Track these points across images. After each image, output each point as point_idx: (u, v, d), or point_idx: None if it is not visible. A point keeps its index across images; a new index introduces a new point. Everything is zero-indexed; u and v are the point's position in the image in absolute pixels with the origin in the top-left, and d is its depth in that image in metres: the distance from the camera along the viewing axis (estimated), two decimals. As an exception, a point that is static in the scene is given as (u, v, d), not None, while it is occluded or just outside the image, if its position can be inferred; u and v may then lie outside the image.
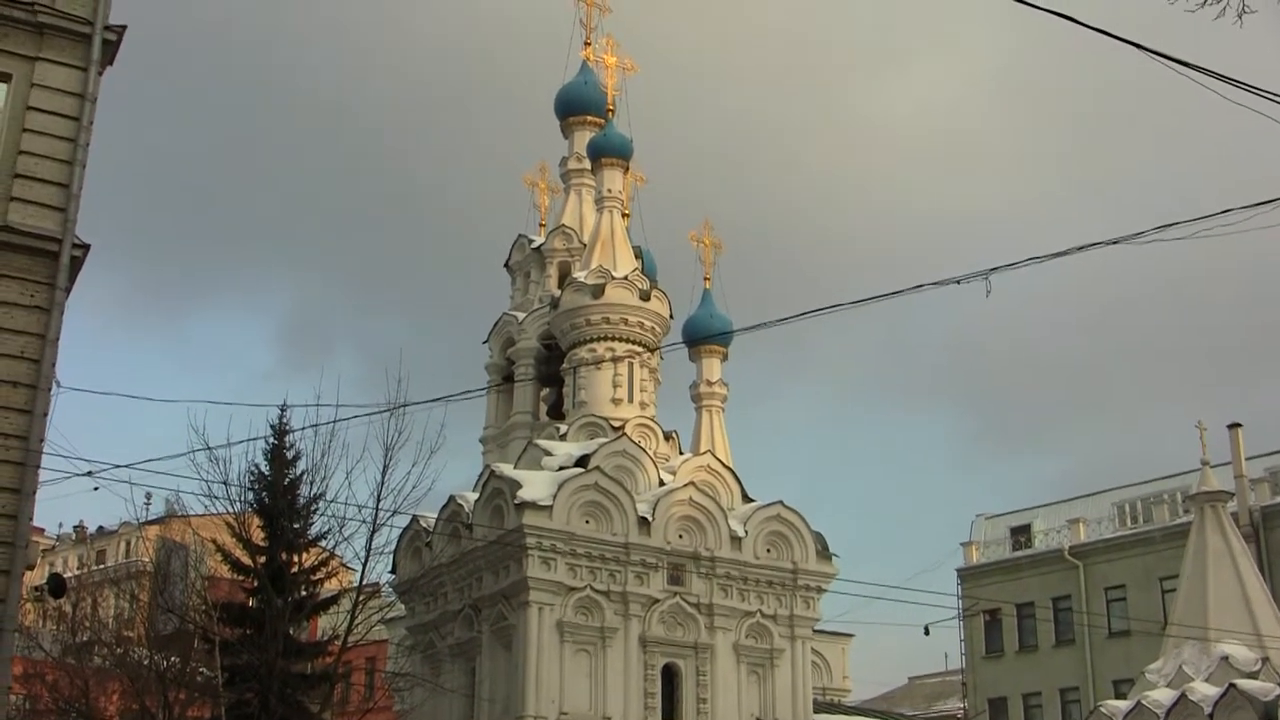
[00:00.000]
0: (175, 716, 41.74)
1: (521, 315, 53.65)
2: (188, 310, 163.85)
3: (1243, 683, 35.39)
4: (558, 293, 50.67)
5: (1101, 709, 38.91)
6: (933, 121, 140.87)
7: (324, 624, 48.22)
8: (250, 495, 41.72)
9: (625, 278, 48.49)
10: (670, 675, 43.03)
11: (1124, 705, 38.16)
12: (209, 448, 38.14)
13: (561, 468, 44.07)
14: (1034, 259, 19.06)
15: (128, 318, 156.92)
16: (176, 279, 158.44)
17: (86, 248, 20.66)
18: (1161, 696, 36.85)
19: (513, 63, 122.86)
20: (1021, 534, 66.15)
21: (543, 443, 46.73)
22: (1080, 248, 18.87)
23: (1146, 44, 15.03)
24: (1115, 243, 18.77)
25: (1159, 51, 15.02)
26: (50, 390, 19.92)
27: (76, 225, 20.36)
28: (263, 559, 41.43)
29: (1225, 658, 36.74)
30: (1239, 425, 55.36)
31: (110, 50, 21.83)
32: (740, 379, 76.31)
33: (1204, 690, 36.01)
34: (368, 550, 40.00)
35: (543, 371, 52.66)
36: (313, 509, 42.03)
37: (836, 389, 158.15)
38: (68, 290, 20.33)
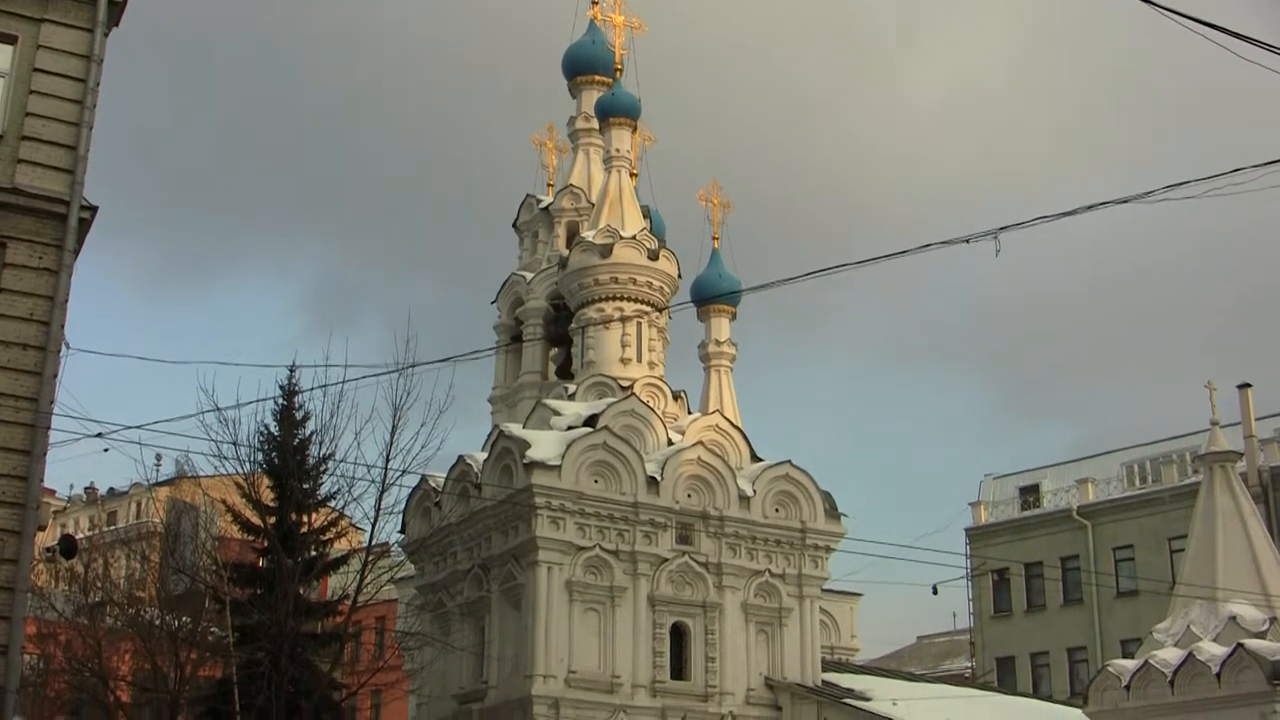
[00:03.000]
0: (187, 676, 41.99)
1: (530, 275, 53.63)
2: (214, 278, 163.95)
3: (1250, 642, 35.38)
4: (566, 252, 50.62)
5: (1109, 668, 38.92)
6: (953, 84, 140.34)
7: (334, 584, 48.46)
8: (260, 456, 41.85)
9: (633, 237, 48.43)
10: (679, 634, 43.18)
11: (1131, 665, 38.17)
12: (218, 409, 38.27)
13: (570, 427, 44.13)
14: (1043, 218, 19.04)
15: (156, 286, 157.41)
16: (203, 247, 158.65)
17: (94, 210, 20.63)
18: (1169, 656, 36.87)
19: (520, 23, 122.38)
20: (1030, 494, 66.19)
21: (551, 402, 46.77)
22: (1089, 206, 18.83)
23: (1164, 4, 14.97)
24: (1124, 202, 18.75)
25: (1178, 11, 14.96)
26: (59, 352, 19.94)
27: (84, 187, 20.33)
28: (273, 519, 41.58)
29: (1233, 617, 36.72)
30: (1249, 385, 55.24)
31: (116, 12, 21.76)
32: (753, 344, 76.46)
33: (1211, 650, 36.02)
34: (377, 510, 40.13)
35: (551, 331, 52.65)
36: (322, 469, 42.19)
37: (849, 354, 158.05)
38: (76, 252, 20.33)
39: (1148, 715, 36.54)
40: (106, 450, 26.29)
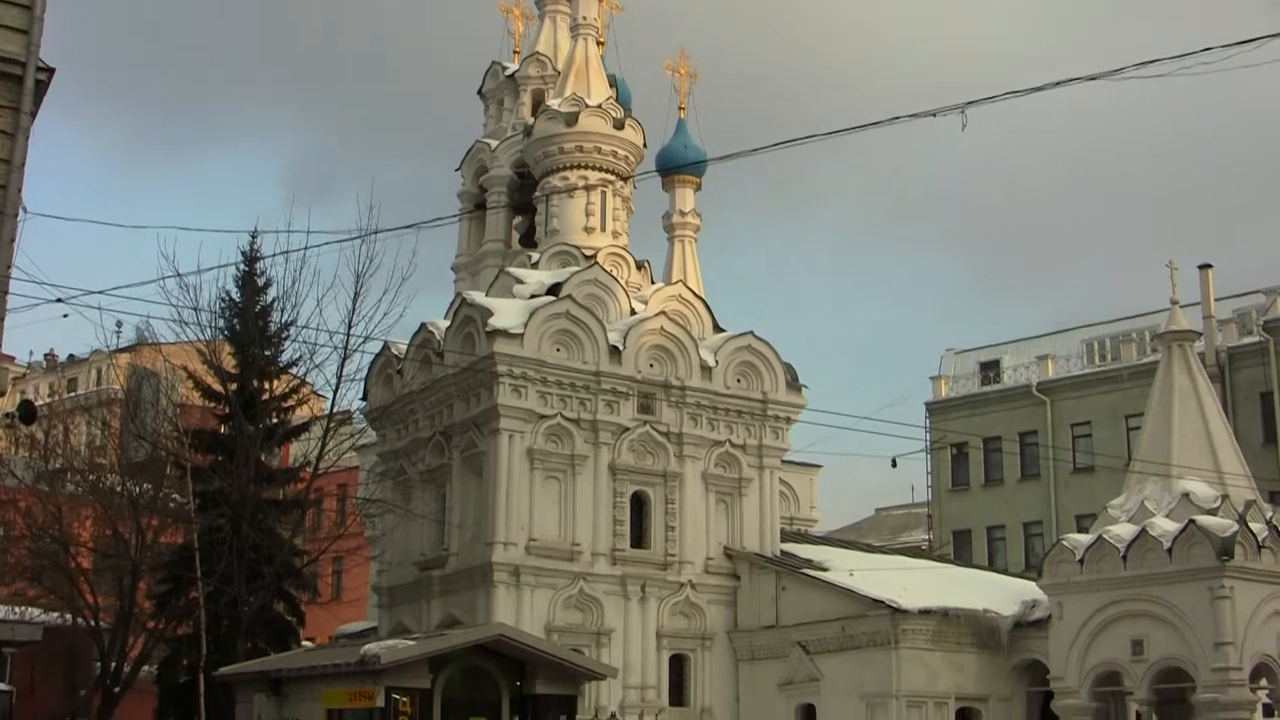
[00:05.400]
0: (148, 542, 42.23)
1: (494, 143, 53.22)
2: (188, 151, 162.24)
3: (1202, 519, 35.83)
4: (531, 120, 50.23)
5: (1063, 542, 39.36)
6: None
7: (295, 450, 48.66)
8: (221, 322, 41.83)
9: (599, 106, 48.06)
10: (639, 503, 43.46)
11: (1085, 539, 38.62)
12: (179, 274, 38.15)
13: (533, 296, 44.05)
14: (1012, 93, 18.95)
15: (131, 156, 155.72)
16: (177, 119, 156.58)
17: (51, 71, 20.28)
18: (1122, 531, 37.31)
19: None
20: (990, 369, 66.62)
21: (514, 271, 46.63)
22: (1057, 83, 18.78)
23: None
24: (1092, 79, 18.66)
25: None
26: (17, 216, 19.70)
27: (41, 48, 19.97)
28: (234, 386, 41.64)
29: (1186, 494, 37.14)
30: (1209, 266, 55.58)
31: None
32: (722, 218, 76.29)
33: (1164, 525, 36.48)
34: (339, 377, 40.27)
35: (516, 200, 52.37)
36: (284, 336, 42.20)
37: (819, 229, 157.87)
38: (33, 114, 20.00)
39: (1100, 589, 37.09)
40: (66, 316, 26.14)
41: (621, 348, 43.32)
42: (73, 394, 74.49)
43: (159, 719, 42.09)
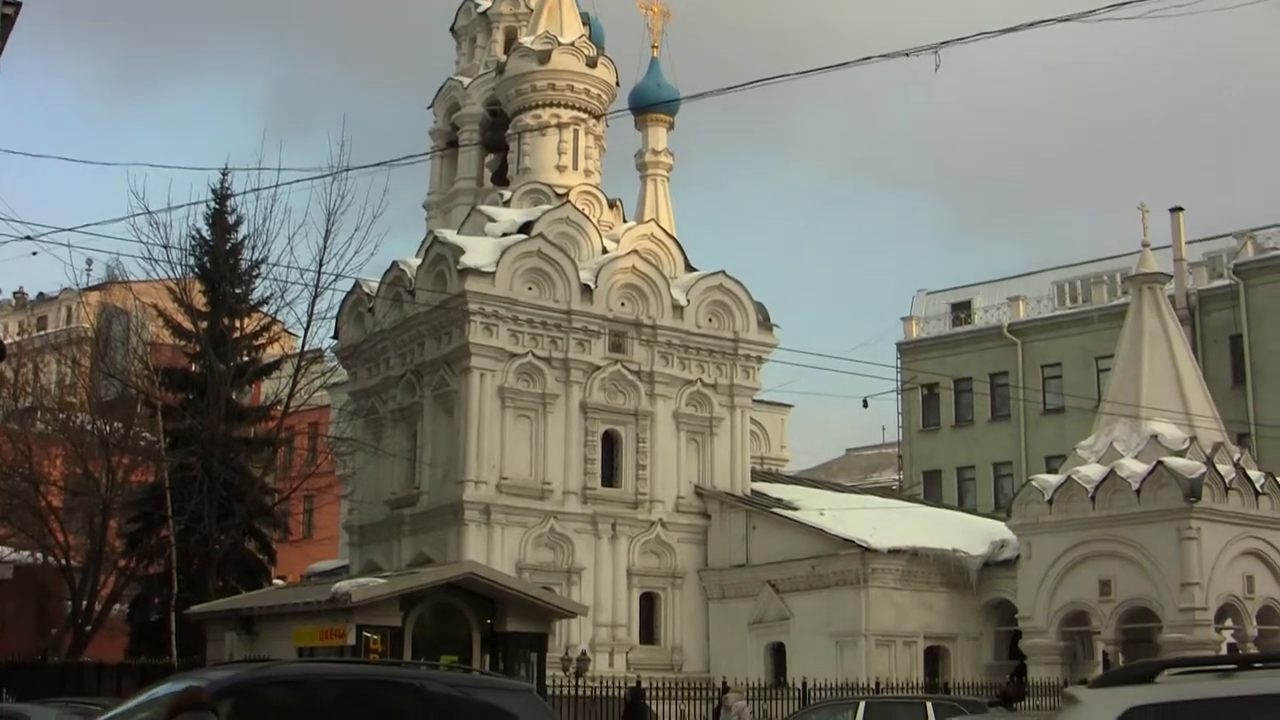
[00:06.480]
0: (118, 481, 42.09)
1: (467, 80, 52.90)
2: (165, 84, 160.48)
3: (1170, 460, 36.09)
4: (504, 58, 49.95)
5: (1033, 483, 39.64)
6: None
7: (266, 389, 48.51)
8: (191, 260, 41.59)
9: (572, 44, 47.83)
10: (610, 442, 43.57)
11: (1055, 480, 38.89)
12: (149, 211, 37.89)
13: (505, 234, 43.94)
14: (984, 34, 18.86)
15: (107, 91, 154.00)
16: (155, 52, 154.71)
17: (18, 6, 20.06)
18: (1091, 472, 37.56)
19: None
20: (962, 310, 66.62)
21: (486, 209, 46.48)
22: (1030, 24, 18.67)
23: None
24: (1066, 20, 18.60)
25: None
26: (-17, 152, 19.56)
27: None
28: (204, 324, 41.43)
29: (1155, 436, 37.39)
30: (1181, 209, 55.60)
31: None
32: (697, 157, 75.94)
33: (1133, 467, 36.72)
34: (310, 315, 40.07)
35: (488, 138, 52.13)
36: (255, 274, 41.99)
37: (794, 170, 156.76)
38: (-1, 49, 19.81)
39: (1069, 529, 37.38)
40: (35, 254, 26.05)
41: (593, 286, 43.30)
42: (42, 332, 73.93)
43: (130, 657, 42.07)
